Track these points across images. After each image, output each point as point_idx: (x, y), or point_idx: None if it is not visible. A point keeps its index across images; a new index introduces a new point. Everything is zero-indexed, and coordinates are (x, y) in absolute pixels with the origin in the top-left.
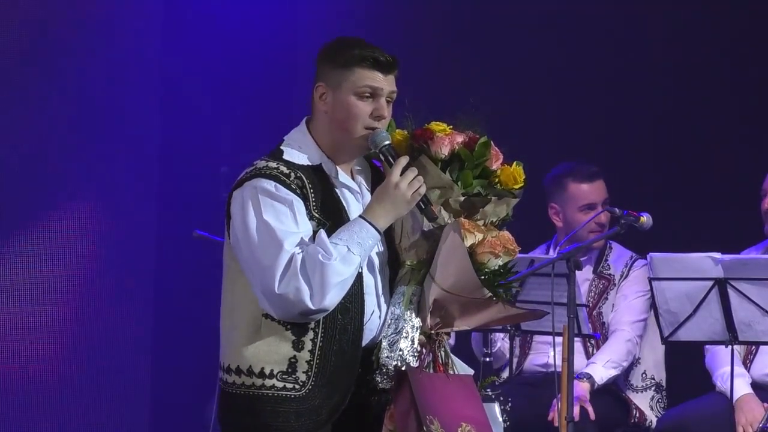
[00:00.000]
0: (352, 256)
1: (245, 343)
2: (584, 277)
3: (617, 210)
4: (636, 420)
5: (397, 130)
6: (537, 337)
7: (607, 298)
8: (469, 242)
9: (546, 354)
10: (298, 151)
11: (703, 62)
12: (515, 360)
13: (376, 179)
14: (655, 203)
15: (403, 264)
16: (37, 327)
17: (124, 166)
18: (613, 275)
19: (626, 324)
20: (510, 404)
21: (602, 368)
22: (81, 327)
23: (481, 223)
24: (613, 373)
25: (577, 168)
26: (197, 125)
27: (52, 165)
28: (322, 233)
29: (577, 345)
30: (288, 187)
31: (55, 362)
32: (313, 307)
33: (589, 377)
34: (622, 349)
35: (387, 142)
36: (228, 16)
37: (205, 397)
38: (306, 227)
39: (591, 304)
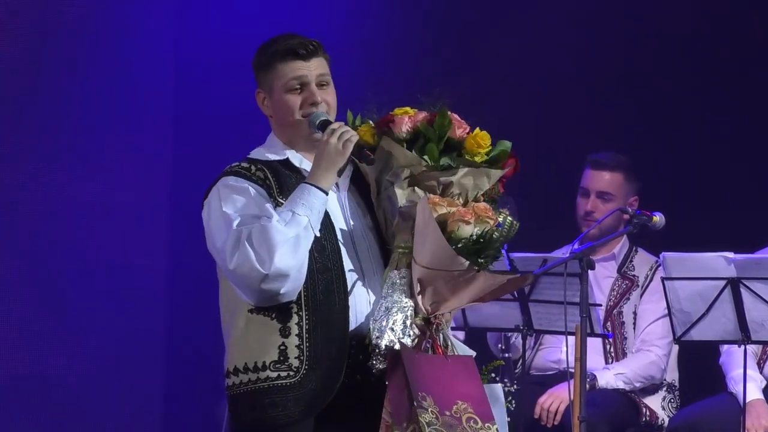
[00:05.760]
0: (298, 217)
1: (238, 342)
2: (606, 274)
3: (630, 209)
4: (647, 419)
5: (364, 125)
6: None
7: (629, 299)
8: (437, 214)
9: (559, 349)
10: (265, 150)
11: (720, 61)
12: (528, 353)
13: (357, 174)
14: (669, 203)
15: (394, 249)
16: (50, 329)
17: (136, 166)
18: (637, 276)
19: (656, 341)
20: (516, 385)
21: (612, 376)
22: (93, 327)
23: (461, 198)
24: (621, 386)
25: (597, 154)
26: (210, 125)
27: (63, 167)
28: (268, 206)
29: (596, 344)
30: (249, 178)
31: (67, 363)
32: (264, 271)
33: (593, 378)
34: (643, 369)
35: (323, 118)
36: (242, 17)
37: (217, 397)
38: (267, 212)
39: (612, 303)
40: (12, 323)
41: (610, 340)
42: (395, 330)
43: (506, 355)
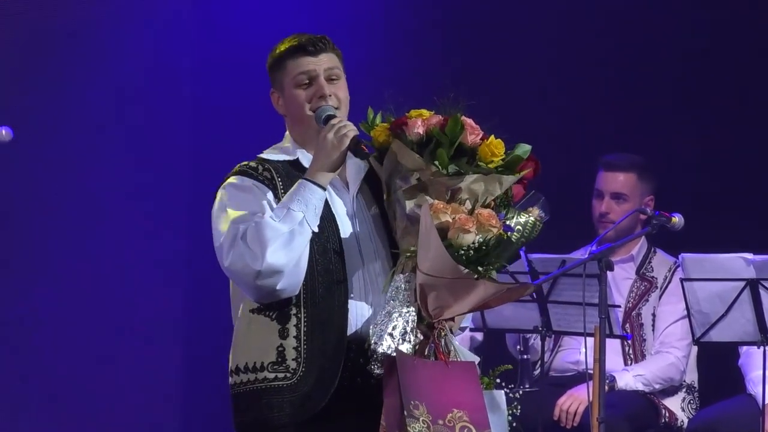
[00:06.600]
0: (292, 213)
1: (241, 342)
2: (625, 275)
3: (649, 210)
4: (666, 421)
5: (380, 125)
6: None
7: (647, 300)
8: (438, 221)
9: (578, 351)
10: (278, 150)
11: (736, 62)
12: (547, 354)
13: (372, 174)
14: (688, 204)
15: (402, 253)
16: (71, 330)
17: (155, 169)
18: (656, 278)
19: (675, 343)
20: (520, 392)
21: (631, 378)
22: (113, 328)
23: (469, 203)
24: (640, 387)
25: (610, 156)
26: (228, 128)
27: (80, 172)
28: (265, 204)
29: (615, 345)
30: (255, 178)
31: (85, 365)
32: (257, 268)
33: (612, 380)
34: (662, 371)
35: (328, 113)
36: (260, 19)
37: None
38: (263, 209)
39: (631, 304)
40: (26, 322)
41: (629, 341)
42: (394, 336)
43: (525, 356)
